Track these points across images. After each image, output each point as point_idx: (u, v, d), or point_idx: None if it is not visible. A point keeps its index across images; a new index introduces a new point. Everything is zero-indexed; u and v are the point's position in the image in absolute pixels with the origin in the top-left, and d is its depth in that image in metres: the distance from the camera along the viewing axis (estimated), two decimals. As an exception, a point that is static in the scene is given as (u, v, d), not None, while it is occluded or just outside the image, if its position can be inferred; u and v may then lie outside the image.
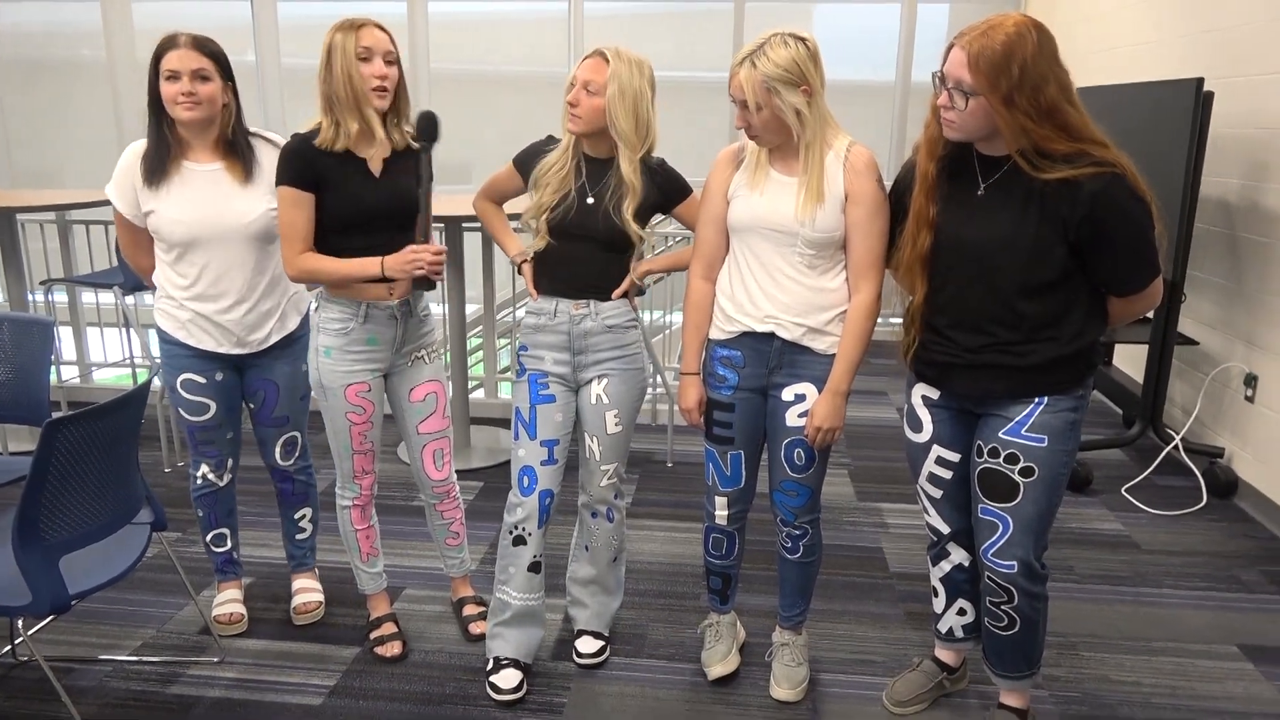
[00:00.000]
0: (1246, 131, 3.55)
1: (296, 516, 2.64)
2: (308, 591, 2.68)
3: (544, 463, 2.23)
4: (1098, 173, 1.72)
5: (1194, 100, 3.25)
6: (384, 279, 2.15)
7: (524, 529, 2.24)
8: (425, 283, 2.17)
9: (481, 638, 2.50)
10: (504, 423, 4.30)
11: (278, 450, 2.52)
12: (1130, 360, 4.58)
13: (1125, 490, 3.60)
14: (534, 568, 2.27)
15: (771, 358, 2.08)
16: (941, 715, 2.26)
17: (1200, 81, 3.24)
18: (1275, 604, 2.79)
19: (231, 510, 2.58)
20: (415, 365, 2.36)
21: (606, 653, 2.46)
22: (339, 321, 2.22)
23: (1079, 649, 2.54)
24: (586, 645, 2.44)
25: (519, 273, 2.32)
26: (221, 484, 2.51)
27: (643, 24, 6.47)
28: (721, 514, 2.25)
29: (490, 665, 2.31)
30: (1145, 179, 1.76)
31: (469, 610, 2.59)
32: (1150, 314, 3.73)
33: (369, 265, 2.14)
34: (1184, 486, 3.60)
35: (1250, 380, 3.49)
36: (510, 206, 2.40)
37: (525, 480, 2.23)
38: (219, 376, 2.36)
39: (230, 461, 2.50)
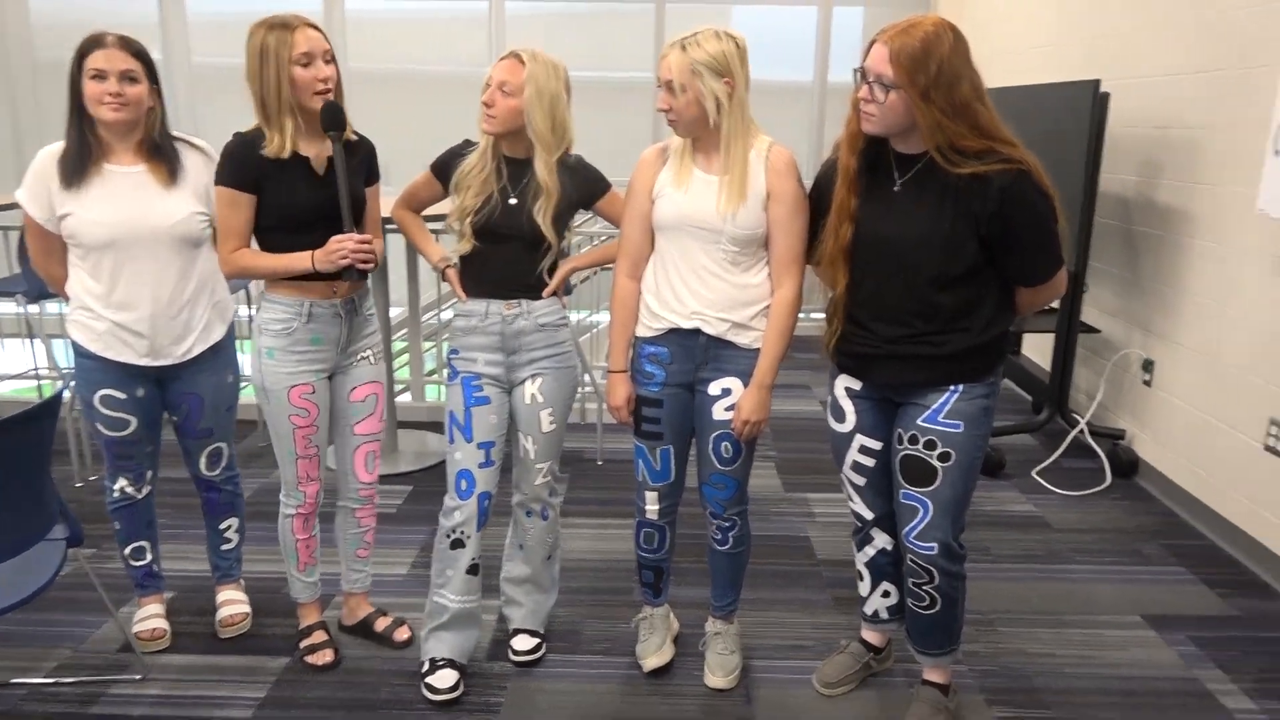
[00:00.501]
0: (1141, 130, 3.74)
1: (222, 527, 2.58)
2: (234, 603, 2.62)
3: (481, 465, 2.23)
4: (1006, 169, 1.80)
5: (1092, 101, 3.41)
6: (315, 274, 2.12)
7: (462, 532, 2.24)
8: (354, 272, 2.13)
9: (408, 644, 2.49)
10: (432, 426, 4.26)
11: (203, 461, 2.46)
12: (1037, 349, 4.79)
13: (1035, 473, 3.76)
14: (472, 570, 2.27)
15: (698, 353, 2.13)
16: (869, 694, 2.34)
17: (1097, 83, 3.41)
18: (1174, 575, 2.96)
19: (151, 522, 2.51)
20: (359, 365, 2.33)
21: (542, 650, 2.47)
22: (281, 321, 2.18)
23: (996, 625, 2.66)
24: (522, 643, 2.45)
25: (443, 279, 2.32)
26: (140, 496, 2.44)
27: (563, 24, 6.47)
28: (652, 509, 2.29)
29: (426, 667, 2.30)
30: (1049, 176, 1.86)
31: (381, 624, 2.54)
32: (1055, 304, 3.91)
33: (300, 259, 2.12)
34: (1089, 468, 3.79)
35: (1148, 365, 3.69)
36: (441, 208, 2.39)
37: (463, 483, 2.23)
38: (139, 392, 2.29)
39: (149, 474, 2.43)
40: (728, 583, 2.38)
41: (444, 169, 2.24)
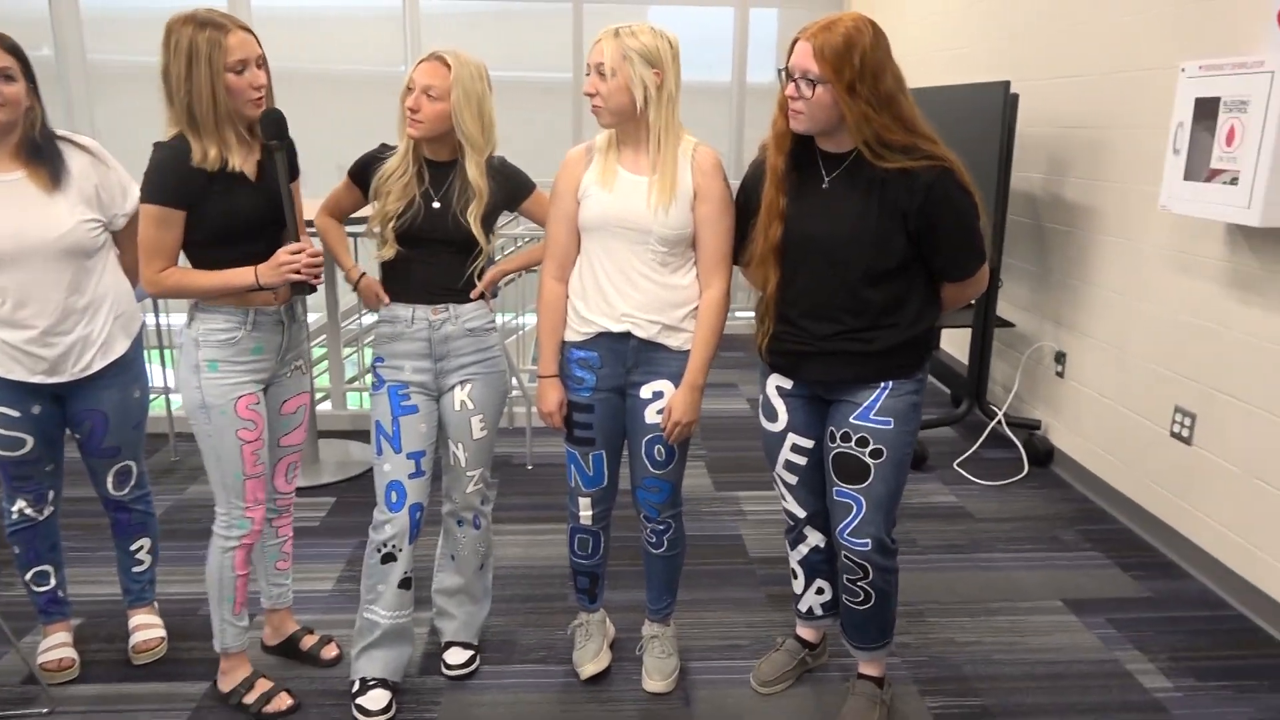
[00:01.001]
0: (1047, 130, 3.87)
1: (133, 548, 2.45)
2: (147, 628, 2.49)
3: (411, 476, 2.16)
4: (930, 165, 1.84)
5: (1003, 101, 3.52)
6: (260, 288, 2.00)
7: (394, 546, 2.16)
8: (304, 287, 2.03)
9: (337, 661, 2.41)
10: (354, 434, 4.15)
11: (110, 481, 2.33)
12: (955, 344, 4.92)
13: (957, 464, 3.86)
14: (404, 584, 2.20)
15: (628, 357, 2.11)
16: (806, 691, 2.36)
17: (1008, 84, 3.51)
18: (1090, 560, 3.06)
19: (54, 545, 2.37)
20: (294, 376, 2.23)
21: (476, 662, 2.42)
22: (225, 331, 2.04)
23: (925, 615, 2.71)
24: (455, 656, 2.40)
25: (354, 289, 2.25)
26: (41, 518, 2.29)
27: (480, 23, 6.38)
28: (586, 514, 2.26)
29: (356, 687, 2.22)
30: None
31: (308, 642, 2.45)
32: (972, 299, 4.02)
33: (242, 275, 1.98)
34: (1008, 458, 3.90)
35: (1060, 357, 3.82)
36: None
37: (393, 496, 2.16)
38: (35, 409, 2.15)
39: (51, 494, 2.30)
40: (663, 586, 2.37)
41: (362, 174, 2.17)
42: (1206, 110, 2.66)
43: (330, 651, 2.43)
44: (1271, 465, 2.65)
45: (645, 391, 2.13)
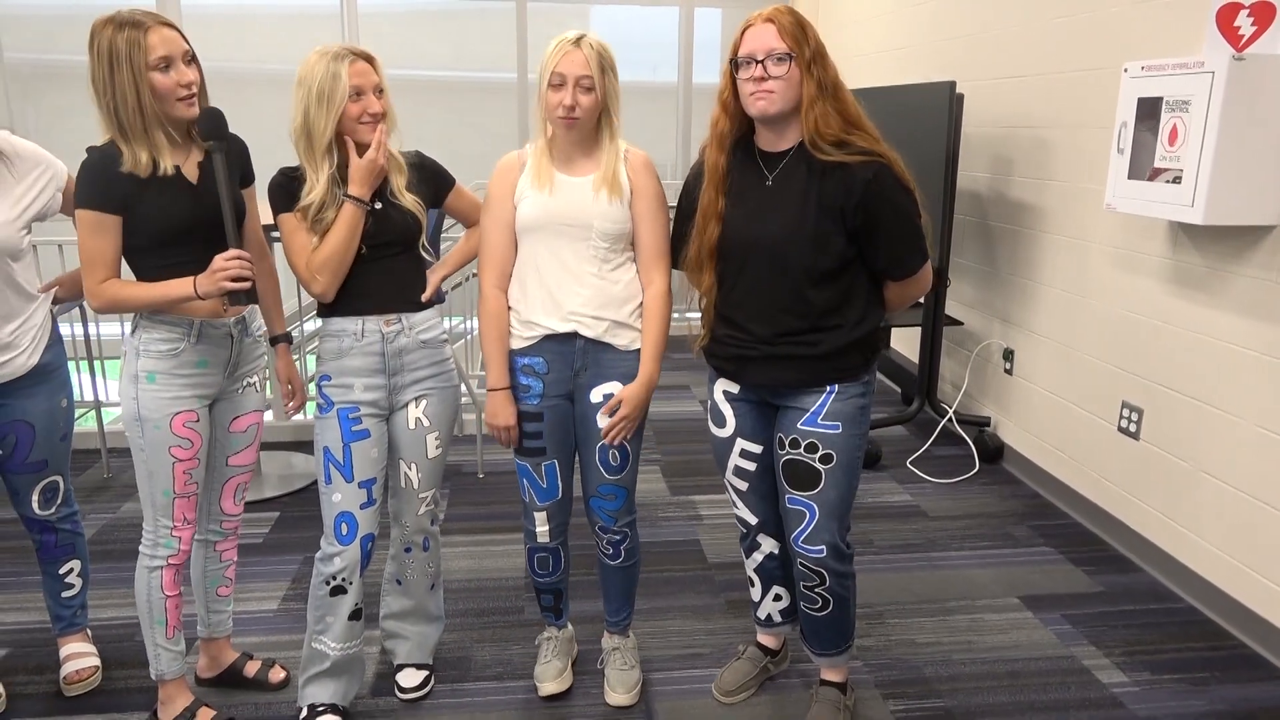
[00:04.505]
0: (992, 130, 3.91)
1: (61, 572, 2.32)
2: (80, 657, 2.36)
3: (363, 506, 2.06)
4: (867, 162, 1.82)
5: (949, 101, 3.54)
6: (199, 298, 1.89)
7: (344, 580, 2.06)
8: (242, 295, 1.89)
9: (285, 685, 2.32)
10: (297, 446, 4.02)
11: (35, 499, 2.20)
12: (905, 342, 4.96)
13: (910, 463, 3.88)
14: (355, 615, 2.10)
15: (575, 359, 2.06)
16: (768, 699, 2.33)
17: (953, 84, 3.53)
18: (1043, 556, 3.09)
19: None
20: (245, 393, 2.12)
21: (431, 683, 2.34)
22: (167, 342, 1.94)
23: (885, 617, 2.70)
24: (409, 679, 2.31)
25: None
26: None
27: (419, 21, 6.26)
28: (543, 529, 2.19)
29: (305, 714, 2.12)
30: (912, 173, 1.89)
31: (252, 668, 2.34)
32: (921, 298, 4.05)
33: (180, 286, 1.88)
34: (959, 455, 3.93)
35: (1008, 355, 3.86)
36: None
37: (343, 528, 2.04)
38: None
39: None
40: (622, 598, 2.32)
41: (295, 200, 1.99)
42: (1149, 110, 2.70)
43: (277, 675, 2.33)
44: (1217, 459, 2.70)
45: (595, 395, 2.08)
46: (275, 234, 2.14)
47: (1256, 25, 2.53)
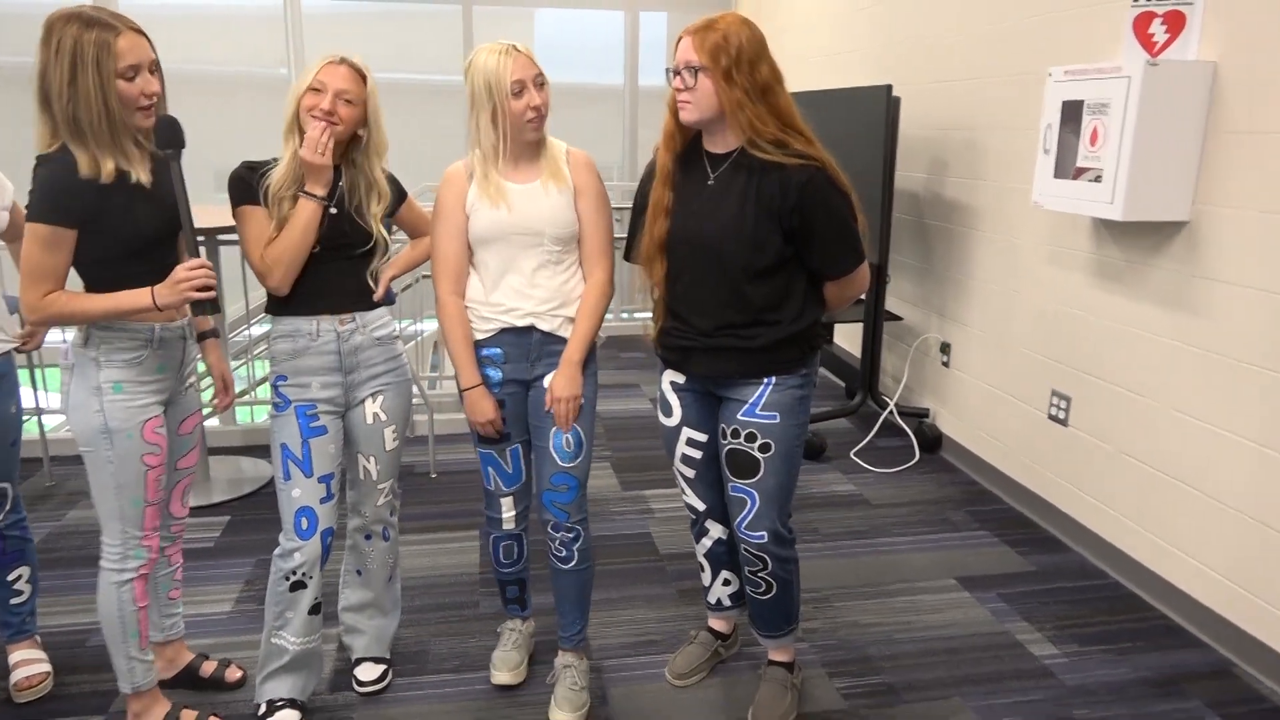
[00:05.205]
0: (928, 132, 4.06)
1: (11, 578, 2.31)
2: (31, 663, 2.34)
3: (323, 500, 2.09)
4: (803, 165, 1.91)
5: (886, 104, 3.66)
6: (159, 309, 1.86)
7: (304, 574, 2.08)
8: (207, 305, 1.87)
9: (242, 684, 2.33)
10: (245, 450, 4.00)
11: None
12: (847, 337, 5.09)
13: (853, 454, 4.00)
14: (314, 610, 2.13)
15: (531, 350, 2.13)
16: (719, 681, 2.41)
17: (890, 88, 3.66)
18: (979, 539, 3.23)
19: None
20: (188, 394, 2.11)
21: (388, 677, 2.37)
22: (130, 351, 1.91)
23: (830, 600, 2.80)
24: (367, 672, 2.35)
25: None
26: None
27: (364, 23, 6.24)
28: (508, 515, 2.25)
29: (263, 709, 2.15)
30: (852, 176, 1.98)
31: (209, 668, 2.35)
32: (863, 295, 4.17)
33: (137, 298, 1.83)
34: (900, 445, 4.07)
35: (945, 348, 4.00)
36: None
37: (303, 522, 2.07)
38: None
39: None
40: (575, 608, 2.30)
41: (255, 192, 2.02)
42: (1072, 112, 2.84)
43: (234, 674, 2.34)
44: (1139, 442, 2.86)
45: (549, 382, 2.15)
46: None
47: (1169, 32, 2.68)
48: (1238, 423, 2.48)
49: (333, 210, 2.04)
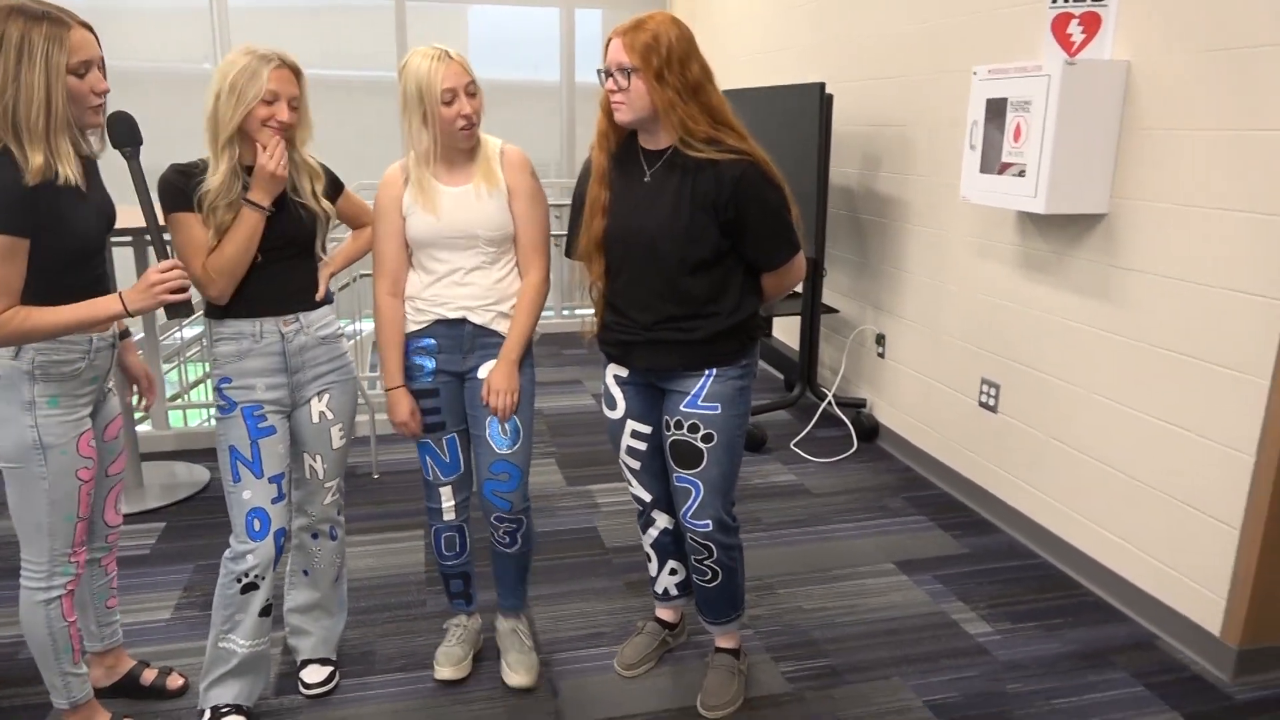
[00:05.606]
0: (860, 128, 4.15)
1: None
2: (-42, 678, 2.27)
3: (274, 500, 2.07)
4: (736, 160, 1.95)
5: (819, 101, 3.74)
6: (129, 315, 1.79)
7: (257, 575, 2.06)
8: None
9: (184, 691, 2.29)
10: (179, 455, 3.91)
11: None
12: (786, 331, 5.18)
13: (794, 445, 4.08)
14: (265, 611, 2.10)
15: (465, 341, 2.17)
16: (668, 670, 2.45)
17: (823, 85, 3.74)
18: (916, 524, 3.33)
19: None
20: (109, 398, 2.06)
21: (336, 678, 2.36)
22: (69, 364, 1.84)
23: (774, 588, 2.86)
24: (313, 675, 2.32)
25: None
26: None
27: (292, 18, 6.13)
28: (449, 505, 2.26)
29: (207, 716, 2.11)
30: (786, 171, 2.03)
31: (149, 676, 2.30)
32: (800, 289, 4.25)
33: (106, 305, 1.77)
34: (839, 435, 4.16)
35: (880, 339, 4.11)
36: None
37: (256, 524, 2.05)
38: None
39: None
40: (516, 582, 2.40)
41: (190, 198, 1.96)
42: (996, 110, 2.94)
43: (175, 681, 2.30)
44: (1064, 426, 2.98)
45: (483, 373, 2.19)
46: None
47: (1086, 33, 2.80)
48: (1155, 405, 2.61)
49: (271, 210, 2.01)
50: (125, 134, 1.81)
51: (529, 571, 2.43)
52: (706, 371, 2.08)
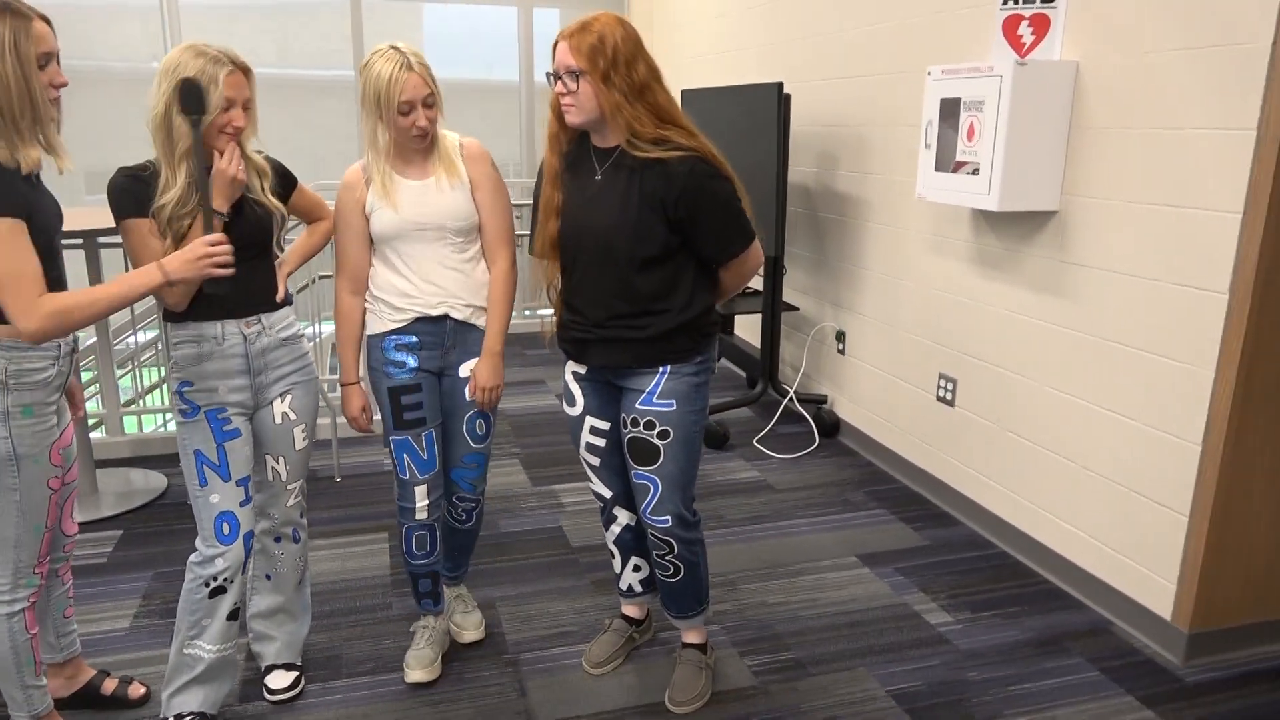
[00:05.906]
0: (818, 128, 4.20)
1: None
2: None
3: (242, 503, 2.06)
4: (683, 156, 1.96)
5: (777, 101, 3.78)
6: (170, 285, 1.76)
7: (225, 579, 2.04)
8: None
9: (145, 700, 2.26)
10: (133, 461, 3.85)
11: None
12: (747, 329, 5.23)
13: (756, 441, 4.12)
14: (233, 615, 2.09)
15: (445, 338, 2.21)
16: (636, 667, 2.46)
17: (780, 85, 3.77)
18: (877, 517, 3.38)
19: None
20: (62, 404, 2.01)
21: (301, 683, 2.34)
22: (41, 371, 1.81)
23: (738, 583, 2.89)
24: (278, 680, 2.30)
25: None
26: None
27: (245, 16, 6.03)
28: (422, 504, 2.27)
29: (170, 725, 2.09)
30: (745, 170, 2.06)
31: (110, 685, 2.26)
32: (760, 286, 4.29)
33: (144, 277, 1.75)
34: (800, 432, 4.21)
35: (840, 336, 4.16)
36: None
37: (225, 527, 2.03)
38: None
39: None
40: (462, 554, 2.56)
41: (143, 205, 1.91)
42: (950, 109, 3.00)
43: (136, 690, 2.27)
44: (1019, 419, 3.05)
45: (464, 370, 2.26)
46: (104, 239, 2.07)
47: (1035, 34, 2.87)
48: (1105, 397, 2.68)
49: (226, 216, 1.97)
50: (196, 101, 1.80)
51: (474, 544, 2.57)
52: (661, 368, 2.10)
